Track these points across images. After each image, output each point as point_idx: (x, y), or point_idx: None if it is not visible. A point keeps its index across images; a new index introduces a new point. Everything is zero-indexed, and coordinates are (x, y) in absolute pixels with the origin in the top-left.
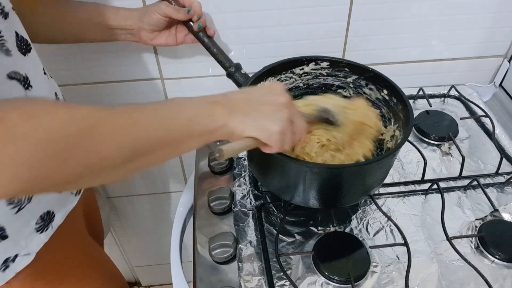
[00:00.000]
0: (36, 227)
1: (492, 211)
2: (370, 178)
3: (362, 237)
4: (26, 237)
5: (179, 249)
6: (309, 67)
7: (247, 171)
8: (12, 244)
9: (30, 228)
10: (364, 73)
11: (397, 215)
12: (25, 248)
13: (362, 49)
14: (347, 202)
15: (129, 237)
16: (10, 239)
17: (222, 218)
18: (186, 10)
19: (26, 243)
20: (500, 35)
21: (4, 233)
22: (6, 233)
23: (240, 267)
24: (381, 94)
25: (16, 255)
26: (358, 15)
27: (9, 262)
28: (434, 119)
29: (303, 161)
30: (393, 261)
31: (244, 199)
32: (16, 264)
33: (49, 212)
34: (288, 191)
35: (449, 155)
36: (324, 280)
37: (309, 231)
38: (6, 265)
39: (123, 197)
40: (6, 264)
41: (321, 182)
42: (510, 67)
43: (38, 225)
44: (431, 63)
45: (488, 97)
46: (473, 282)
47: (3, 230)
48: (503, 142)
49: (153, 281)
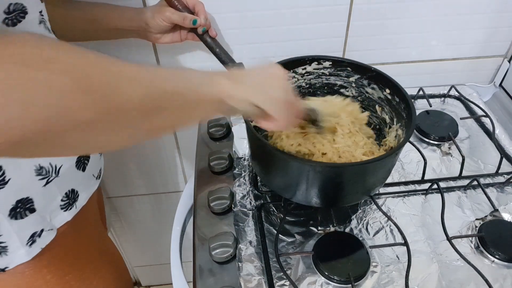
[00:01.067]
0: (62, 204)
1: (492, 211)
2: (373, 177)
3: (362, 237)
4: (51, 212)
5: (179, 249)
6: (312, 67)
7: (247, 171)
8: (39, 219)
9: (56, 204)
10: (367, 73)
11: (397, 215)
12: (49, 224)
13: (362, 49)
14: (349, 201)
15: (129, 237)
16: (38, 213)
17: (222, 218)
18: (192, 20)
19: (51, 218)
20: (500, 35)
21: (32, 206)
22: (34, 206)
23: (240, 267)
24: (384, 94)
25: (42, 230)
26: (358, 15)
27: (35, 237)
28: (434, 119)
29: (306, 159)
30: (393, 261)
31: (244, 199)
32: (42, 239)
33: (73, 190)
34: (290, 189)
35: (449, 155)
36: (324, 280)
37: (309, 231)
38: (33, 239)
39: (123, 197)
40: (33, 239)
41: (324, 180)
42: (510, 67)
43: (63, 202)
44: (431, 63)
45: (488, 97)
46: (473, 282)
47: (31, 202)
48: (503, 142)
49: (153, 281)
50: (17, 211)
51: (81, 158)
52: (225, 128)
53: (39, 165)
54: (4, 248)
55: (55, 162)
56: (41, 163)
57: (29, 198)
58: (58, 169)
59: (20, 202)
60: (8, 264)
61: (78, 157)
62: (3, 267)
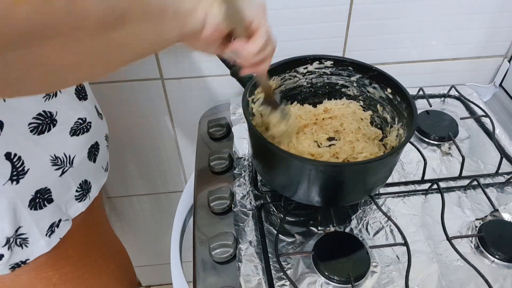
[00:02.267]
0: (76, 194)
1: (492, 211)
2: (374, 176)
3: (362, 237)
4: (66, 202)
5: (179, 249)
6: (313, 66)
7: (247, 171)
8: (56, 209)
9: (71, 194)
10: (368, 72)
11: (397, 215)
12: (66, 214)
13: (362, 49)
14: (350, 201)
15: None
16: (55, 203)
17: (222, 218)
18: None
19: (66, 209)
20: (500, 35)
21: (50, 196)
22: (52, 196)
23: (240, 267)
24: (385, 93)
25: (60, 220)
26: (358, 15)
27: (54, 227)
28: (434, 119)
29: (308, 158)
30: (393, 261)
31: (244, 199)
32: (60, 229)
33: (86, 181)
34: (291, 188)
35: (449, 155)
36: (324, 280)
37: (309, 231)
38: (52, 230)
39: (123, 197)
40: (52, 229)
41: (325, 179)
42: (510, 67)
43: (78, 193)
44: (431, 63)
45: (488, 97)
46: (473, 282)
47: (49, 192)
48: (503, 142)
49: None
50: (36, 201)
51: (91, 149)
52: (225, 128)
53: (54, 155)
54: (25, 240)
55: (69, 153)
56: (56, 153)
57: (47, 188)
58: (72, 159)
59: (39, 193)
60: (29, 256)
61: (89, 148)
62: (24, 259)
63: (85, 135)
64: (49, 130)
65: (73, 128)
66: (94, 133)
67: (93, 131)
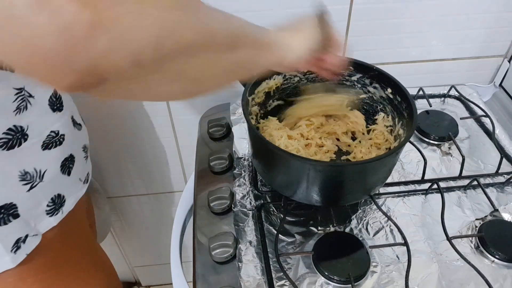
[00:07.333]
0: (47, 209)
1: (492, 211)
2: (373, 176)
3: (362, 237)
4: (36, 217)
5: (179, 249)
6: None
7: (247, 171)
8: (23, 224)
9: (41, 209)
10: (369, 72)
11: (397, 215)
12: (34, 229)
13: (362, 49)
14: (349, 200)
15: (129, 237)
16: (22, 218)
17: (222, 218)
18: None
19: (35, 224)
20: (500, 35)
21: (16, 211)
22: (18, 212)
23: (240, 267)
24: (385, 93)
25: (27, 235)
26: (358, 15)
27: (20, 243)
28: (434, 119)
29: (308, 158)
30: (393, 261)
31: (244, 199)
32: (26, 245)
33: (60, 195)
34: (291, 187)
35: (449, 155)
36: (324, 280)
37: (309, 231)
38: (17, 246)
39: (123, 197)
40: (17, 245)
41: (324, 179)
42: (510, 67)
43: (49, 207)
44: (431, 63)
45: (488, 97)
46: (473, 282)
47: (15, 208)
48: (503, 142)
49: (153, 281)
50: (0, 217)
51: (65, 162)
52: (225, 128)
53: (23, 170)
54: None
55: (40, 167)
56: (25, 168)
57: (13, 204)
58: (43, 174)
59: (3, 208)
60: None
61: (62, 161)
62: None
63: (58, 148)
64: (20, 145)
65: (45, 142)
66: (69, 146)
67: (67, 144)
